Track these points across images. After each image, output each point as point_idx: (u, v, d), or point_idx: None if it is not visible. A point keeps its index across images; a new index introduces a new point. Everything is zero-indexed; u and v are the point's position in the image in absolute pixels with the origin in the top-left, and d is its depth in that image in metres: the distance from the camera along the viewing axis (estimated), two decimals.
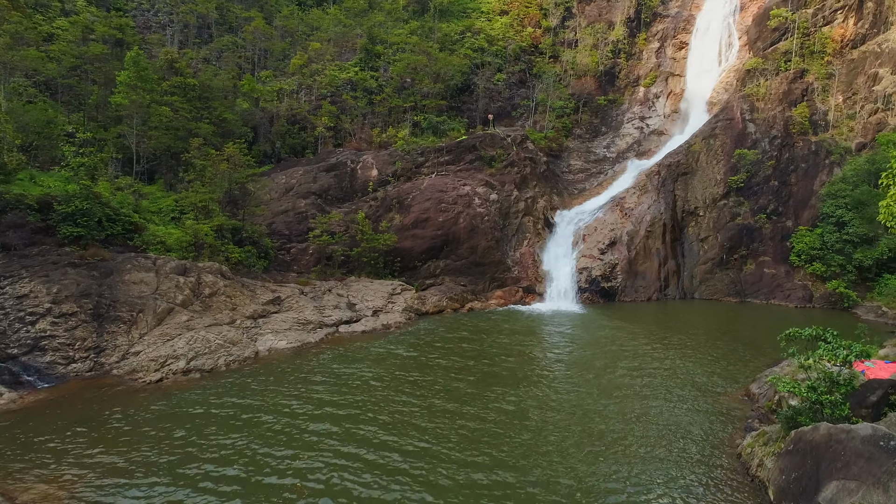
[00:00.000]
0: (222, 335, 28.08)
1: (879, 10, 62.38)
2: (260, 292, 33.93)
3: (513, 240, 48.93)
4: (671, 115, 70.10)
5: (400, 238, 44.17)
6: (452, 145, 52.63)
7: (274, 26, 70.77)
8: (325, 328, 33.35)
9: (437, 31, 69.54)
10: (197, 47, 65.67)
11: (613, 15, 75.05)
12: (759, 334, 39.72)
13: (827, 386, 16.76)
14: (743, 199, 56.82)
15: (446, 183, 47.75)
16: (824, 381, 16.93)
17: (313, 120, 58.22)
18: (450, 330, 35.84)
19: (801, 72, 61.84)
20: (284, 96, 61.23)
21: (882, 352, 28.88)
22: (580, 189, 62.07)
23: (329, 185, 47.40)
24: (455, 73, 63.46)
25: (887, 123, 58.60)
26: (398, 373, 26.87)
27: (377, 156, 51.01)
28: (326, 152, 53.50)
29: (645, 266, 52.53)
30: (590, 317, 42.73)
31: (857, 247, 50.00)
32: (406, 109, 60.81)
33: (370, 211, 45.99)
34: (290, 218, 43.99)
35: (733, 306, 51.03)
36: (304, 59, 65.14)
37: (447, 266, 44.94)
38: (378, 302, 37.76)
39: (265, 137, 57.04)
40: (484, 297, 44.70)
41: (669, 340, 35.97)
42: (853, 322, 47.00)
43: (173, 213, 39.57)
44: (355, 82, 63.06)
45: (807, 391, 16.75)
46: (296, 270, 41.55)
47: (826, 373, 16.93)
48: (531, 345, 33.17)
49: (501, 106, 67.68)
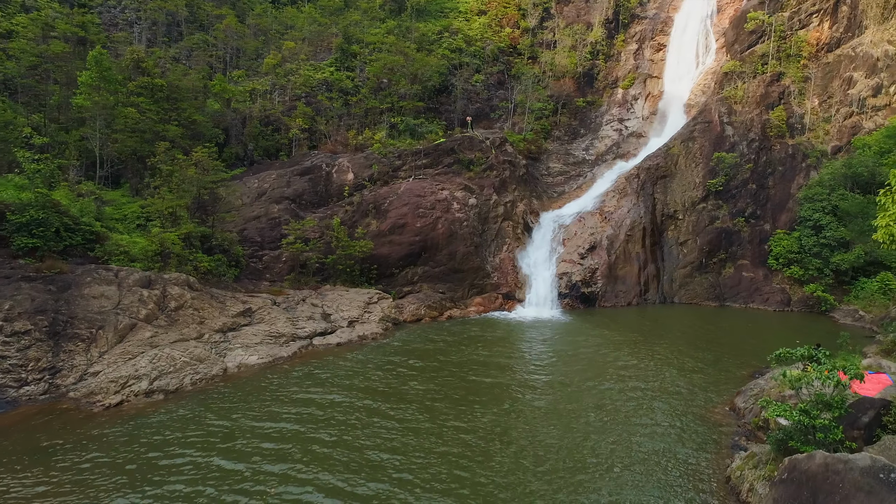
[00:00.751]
0: (188, 352, 26.68)
1: (853, 14, 62.81)
2: (230, 304, 32.52)
3: (492, 245, 48.06)
4: (649, 117, 69.94)
5: (376, 244, 42.97)
6: (430, 148, 51.56)
7: (247, 24, 68.93)
8: (299, 341, 32.07)
9: (415, 30, 68.38)
10: (166, 46, 63.58)
11: (592, 16, 74.69)
12: (740, 341, 39.42)
13: (819, 410, 16.11)
14: (722, 202, 56.73)
15: (424, 187, 46.67)
16: (817, 404, 16.28)
17: (287, 121, 56.66)
18: (427, 341, 34.80)
19: (777, 75, 62.03)
20: (257, 97, 59.53)
21: (865, 361, 28.58)
22: (559, 192, 61.47)
23: (303, 190, 46.00)
24: (433, 73, 62.40)
25: (862, 127, 59.05)
26: (372, 392, 25.72)
27: (353, 159, 49.71)
28: (301, 155, 52.04)
29: (625, 270, 52.10)
30: (571, 324, 42.04)
31: (835, 250, 50.15)
32: (383, 111, 59.56)
33: (346, 216, 44.71)
34: (262, 224, 42.52)
35: (713, 311, 50.84)
36: (278, 58, 63.50)
37: (425, 273, 43.88)
38: (354, 312, 36.57)
39: (237, 139, 55.33)
40: (463, 305, 43.77)
41: (652, 349, 35.40)
42: (831, 326, 47.23)
43: (139, 220, 37.93)
44: (331, 83, 61.60)
45: (799, 415, 16.09)
46: (268, 279, 40.13)
47: (819, 395, 16.29)
48: (511, 358, 32.25)
49: (480, 107, 66.81)
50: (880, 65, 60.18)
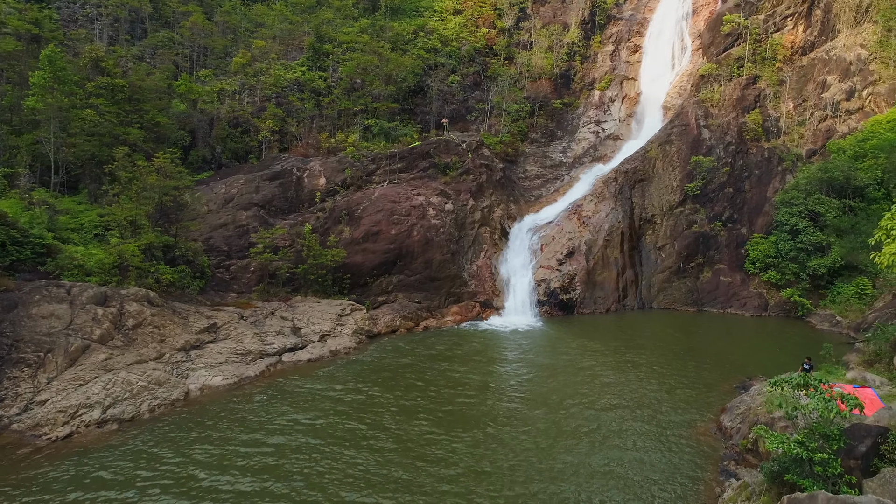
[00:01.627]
0: (147, 375, 24.94)
1: (827, 18, 63.10)
2: (193, 319, 30.76)
3: (469, 252, 46.88)
4: (626, 119, 69.46)
5: (349, 253, 41.44)
6: (405, 152, 50.16)
7: (214, 22, 66.56)
8: (267, 358, 30.48)
9: (389, 30, 66.81)
10: (129, 43, 61.01)
11: (568, 16, 73.94)
12: (720, 350, 38.88)
13: (818, 443, 15.23)
14: (699, 206, 56.40)
15: (399, 193, 45.26)
16: (814, 435, 15.41)
17: (257, 123, 54.71)
18: (402, 357, 33.42)
19: (753, 78, 61.98)
20: (226, 97, 57.41)
21: (849, 374, 28.08)
22: (537, 196, 60.55)
23: (273, 196, 44.24)
24: (407, 74, 60.95)
25: (836, 130, 59.29)
26: (343, 417, 24.22)
27: (325, 163, 48.06)
28: (271, 158, 50.19)
29: (603, 276, 51.37)
30: (550, 334, 41.06)
31: (811, 255, 50.07)
32: (356, 112, 57.94)
33: (317, 223, 43.08)
34: (229, 232, 40.68)
35: (691, 316, 50.41)
36: (248, 57, 61.44)
37: (400, 282, 42.49)
38: (326, 325, 35.03)
39: (204, 142, 53.21)
40: (439, 314, 42.49)
41: (632, 361, 34.59)
42: (809, 332, 47.11)
43: (97, 229, 35.85)
44: (302, 83, 59.73)
45: (796, 447, 15.18)
46: (236, 290, 38.34)
47: (816, 426, 15.42)
48: (488, 375, 31.00)
49: (456, 109, 65.55)
50: (853, 69, 60.53)
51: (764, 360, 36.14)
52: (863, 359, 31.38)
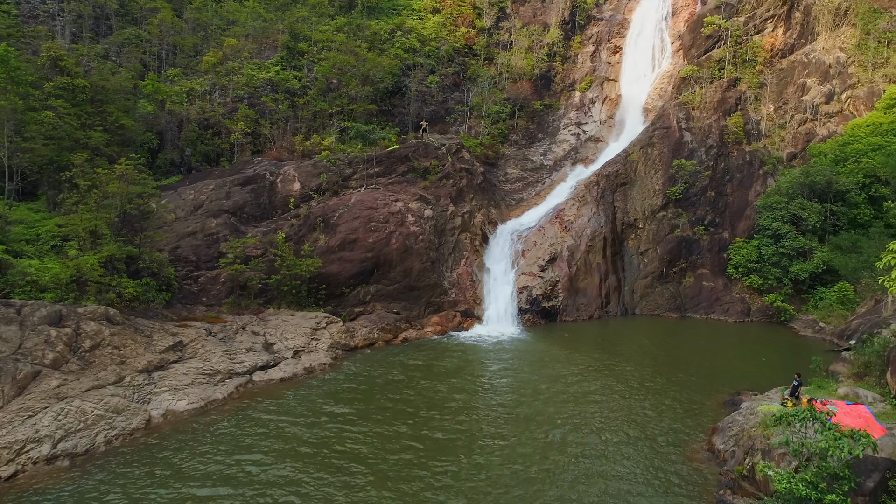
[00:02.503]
0: (104, 402, 23.12)
1: (806, 21, 62.96)
2: (157, 337, 28.92)
3: (449, 259, 45.51)
4: (607, 120, 68.66)
5: (325, 262, 39.76)
6: (383, 155, 48.58)
7: (184, 19, 64.13)
8: (237, 378, 28.76)
9: (366, 28, 65.06)
10: (93, 41, 58.39)
11: (548, 17, 72.92)
12: (705, 360, 38.10)
13: (826, 481, 14.19)
14: (681, 210, 55.78)
15: (377, 198, 43.68)
16: (823, 474, 14.37)
17: (228, 125, 52.67)
18: (379, 374, 31.89)
19: (734, 80, 61.59)
20: (196, 98, 55.19)
21: (841, 390, 27.31)
22: (518, 199, 59.41)
23: (245, 202, 42.36)
24: (385, 74, 59.28)
25: (816, 133, 59.14)
26: (315, 447, 22.67)
27: (300, 167, 46.28)
28: (243, 162, 48.25)
29: (586, 282, 50.42)
30: (532, 345, 39.87)
31: (794, 260, 49.67)
32: (332, 114, 56.19)
33: (291, 231, 41.34)
34: (198, 241, 38.74)
35: (674, 323, 49.70)
36: (219, 56, 59.19)
37: (378, 292, 40.94)
38: (300, 340, 33.36)
39: (173, 144, 50.97)
40: (419, 325, 41.06)
41: (617, 374, 33.57)
42: (792, 338, 46.67)
43: (54, 240, 33.71)
44: (276, 83, 57.78)
45: (805, 488, 14.11)
46: (205, 303, 36.47)
47: (825, 466, 14.38)
48: (471, 393, 29.64)
49: (435, 110, 64.10)
50: (832, 71, 60.47)
51: (751, 372, 35.45)
52: (852, 371, 30.70)
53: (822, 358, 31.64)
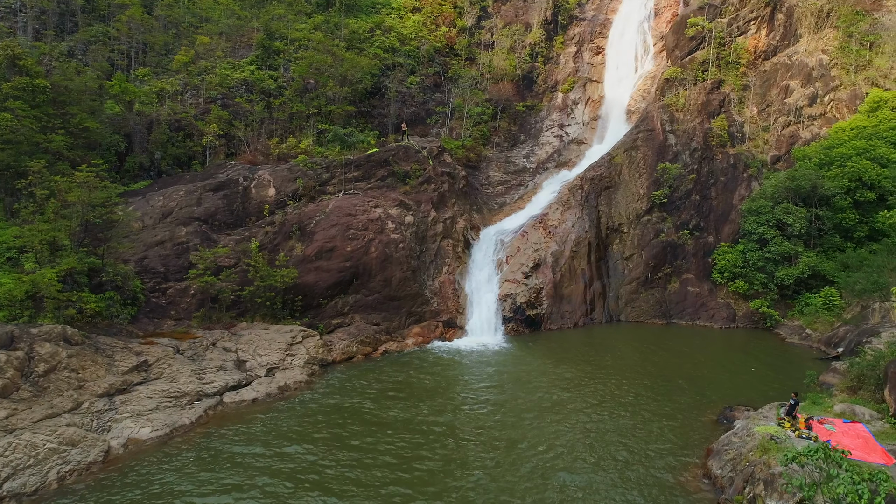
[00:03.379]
0: (58, 433, 21.33)
1: (789, 23, 62.59)
2: (120, 357, 27.08)
3: (431, 267, 44.08)
4: (590, 122, 67.77)
5: (301, 272, 38.06)
6: (362, 159, 46.96)
7: (154, 16, 61.70)
8: (206, 400, 27.06)
9: (344, 27, 63.27)
10: (57, 38, 55.83)
11: (530, 16, 71.82)
12: (694, 371, 37.16)
13: None
14: (666, 214, 54.99)
15: (355, 205, 42.08)
16: None
17: (201, 127, 50.66)
18: (358, 391, 30.38)
19: (718, 82, 60.97)
20: (166, 98, 53.03)
21: (837, 408, 26.48)
22: (500, 203, 58.19)
23: (217, 208, 40.47)
24: (364, 75, 57.62)
25: (799, 136, 58.78)
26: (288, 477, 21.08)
27: (275, 171, 44.50)
28: (215, 166, 46.31)
29: (570, 289, 49.35)
30: (516, 357, 38.60)
31: (779, 265, 49.11)
32: (309, 115, 54.41)
33: (266, 239, 39.57)
34: (167, 251, 36.81)
35: (660, 330, 48.84)
36: (191, 54, 57.04)
37: (357, 302, 39.36)
38: (274, 356, 31.71)
39: (142, 147, 48.80)
40: (400, 336, 39.56)
41: (604, 389, 32.48)
42: (779, 344, 46.04)
43: (10, 252, 31.62)
44: (251, 83, 55.85)
45: None
46: (173, 317, 34.55)
47: None
48: (453, 413, 28.23)
49: (415, 111, 62.60)
50: (815, 74, 60.17)
51: (741, 384, 34.60)
52: (845, 384, 29.97)
53: (815, 372, 30.74)
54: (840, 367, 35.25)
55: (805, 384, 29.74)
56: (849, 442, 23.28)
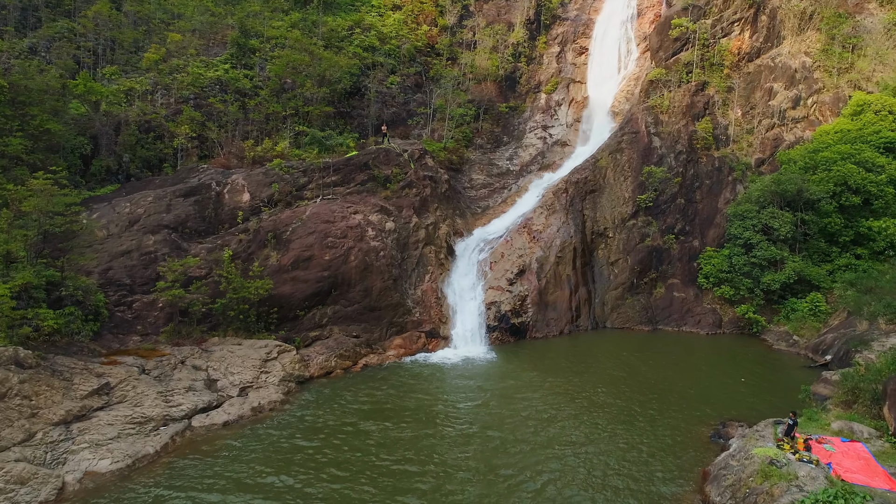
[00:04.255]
0: (4, 471, 19.49)
1: (773, 24, 62.16)
2: (80, 380, 25.21)
3: (413, 275, 42.60)
4: (574, 124, 66.76)
5: (277, 282, 36.32)
6: (341, 163, 45.28)
7: (123, 11, 59.23)
8: (173, 424, 25.31)
9: (322, 25, 61.39)
10: (19, 34, 53.19)
11: (513, 15, 70.60)
12: (683, 382, 36.23)
13: None
14: (651, 218, 54.14)
15: (334, 211, 40.41)
16: None
17: (172, 128, 48.56)
18: (335, 410, 28.80)
19: (702, 84, 60.34)
20: (135, 98, 50.80)
21: (835, 425, 25.59)
22: (483, 207, 56.87)
23: (187, 215, 38.53)
24: (343, 74, 55.90)
25: (783, 139, 58.37)
26: None
27: (250, 175, 42.64)
28: (187, 170, 44.29)
29: (556, 295, 48.23)
30: (500, 369, 37.23)
31: (765, 270, 48.51)
32: (286, 117, 52.56)
33: (240, 247, 37.73)
34: (133, 261, 34.82)
35: (646, 337, 47.95)
36: (162, 52, 54.78)
37: (336, 313, 37.73)
38: (247, 374, 30.01)
39: (109, 150, 46.55)
40: (381, 348, 38.04)
41: (593, 404, 31.37)
42: (766, 351, 45.35)
43: None
44: (225, 82, 53.80)
45: None
46: (140, 332, 32.63)
47: None
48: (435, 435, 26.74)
49: (396, 112, 61.03)
50: (798, 76, 59.82)
51: (733, 396, 33.70)
52: (840, 397, 29.17)
53: (809, 387, 29.88)
54: (831, 378, 34.54)
55: (800, 399, 28.90)
56: (850, 464, 22.40)
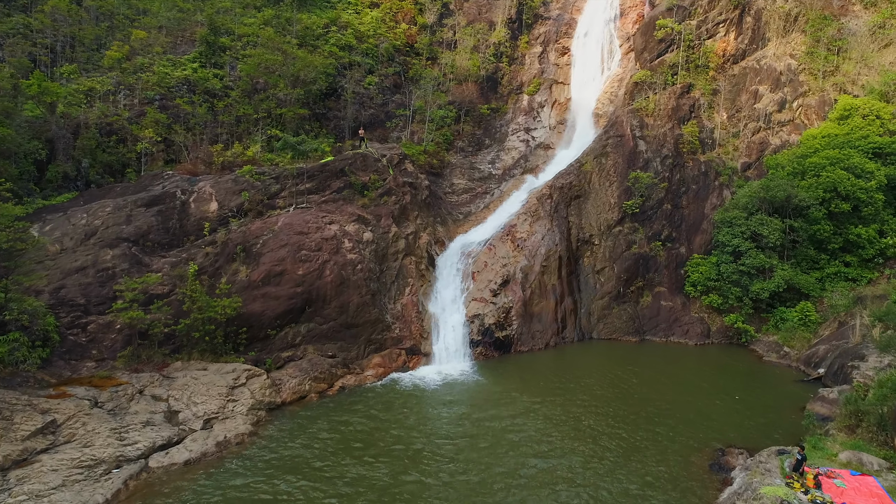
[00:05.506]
0: None
1: (757, 26, 61.12)
2: (21, 418, 22.66)
3: (392, 288, 40.43)
4: (557, 126, 65.11)
5: (246, 300, 33.90)
6: (316, 169, 42.92)
7: (84, 6, 55.98)
8: (128, 466, 22.86)
9: (297, 22, 58.84)
10: None
11: (494, 14, 68.70)
12: (676, 399, 34.80)
13: None
14: (638, 225, 52.68)
15: (308, 221, 38.07)
16: None
17: (135, 131, 45.81)
18: (307, 442, 26.54)
19: (687, 86, 59.04)
20: (96, 99, 47.84)
21: (843, 456, 24.09)
22: (465, 213, 54.88)
23: (150, 227, 35.88)
24: (318, 74, 53.44)
25: (769, 143, 57.33)
26: None
27: (218, 183, 40.09)
28: (150, 177, 41.55)
29: (541, 306, 46.47)
30: (486, 390, 35.16)
31: (754, 278, 47.29)
32: (258, 119, 50.02)
33: (206, 262, 35.21)
34: (89, 278, 32.13)
35: (634, 348, 46.47)
36: (126, 50, 51.77)
37: (310, 332, 35.43)
38: (212, 403, 27.61)
39: (66, 154, 43.58)
40: (358, 368, 35.83)
41: (583, 429, 29.64)
42: (757, 363, 43.94)
43: None
44: (193, 82, 51.11)
45: None
46: (95, 357, 30.01)
47: None
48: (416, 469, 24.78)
49: (374, 114, 58.75)
50: (783, 79, 58.83)
51: (729, 416, 32.19)
52: (842, 422, 27.76)
53: (814, 414, 28.41)
54: (829, 396, 33.32)
55: (804, 426, 27.44)
56: (863, 502, 20.92)
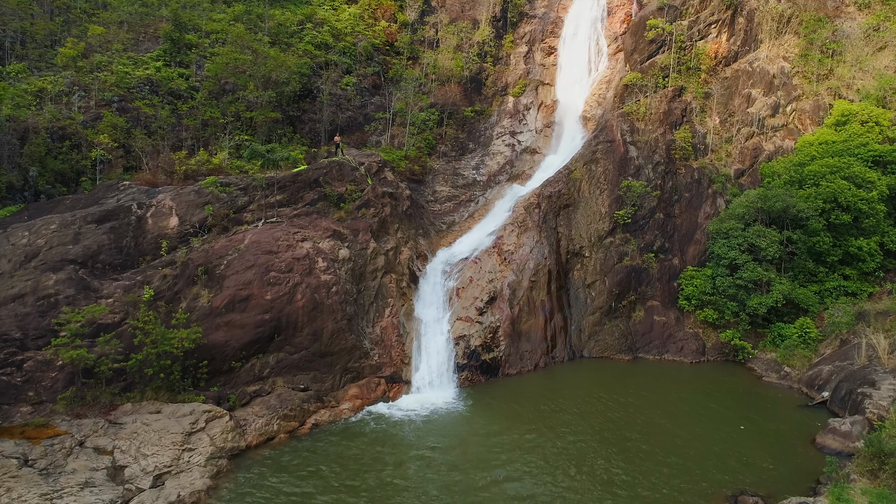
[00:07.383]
0: None
1: (750, 27, 59.01)
2: None
3: (370, 310, 37.34)
4: (544, 129, 62.40)
5: (207, 329, 30.52)
6: (287, 179, 39.59)
7: None
8: None
9: (269, 19, 55.35)
10: None
11: (478, 12, 65.74)
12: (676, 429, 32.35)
13: None
14: (630, 235, 50.21)
15: (278, 238, 34.77)
16: None
17: (90, 136, 42.10)
18: (273, 497, 23.55)
19: (679, 89, 56.72)
20: (48, 100, 43.97)
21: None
22: (449, 223, 51.92)
23: (101, 246, 32.29)
24: (291, 75, 50.07)
25: (763, 149, 55.24)
26: None
27: (179, 195, 36.57)
28: (104, 188, 37.92)
29: (529, 324, 43.77)
30: (473, 424, 32.17)
31: (751, 292, 45.07)
32: (226, 123, 46.54)
33: (163, 285, 31.78)
34: (27, 308, 28.57)
35: (627, 368, 44.03)
36: (81, 47, 47.91)
37: (280, 362, 32.20)
38: (165, 455, 24.33)
39: (11, 161, 39.75)
40: (334, 400, 32.67)
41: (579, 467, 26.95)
42: (756, 384, 41.53)
43: None
44: (156, 83, 47.50)
45: None
46: (31, 400, 26.50)
47: None
48: None
49: (352, 116, 55.48)
50: (777, 82, 56.80)
51: (734, 451, 29.70)
52: (864, 466, 25.39)
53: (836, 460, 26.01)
54: (840, 428, 31.04)
55: (826, 473, 25.03)
56: None
